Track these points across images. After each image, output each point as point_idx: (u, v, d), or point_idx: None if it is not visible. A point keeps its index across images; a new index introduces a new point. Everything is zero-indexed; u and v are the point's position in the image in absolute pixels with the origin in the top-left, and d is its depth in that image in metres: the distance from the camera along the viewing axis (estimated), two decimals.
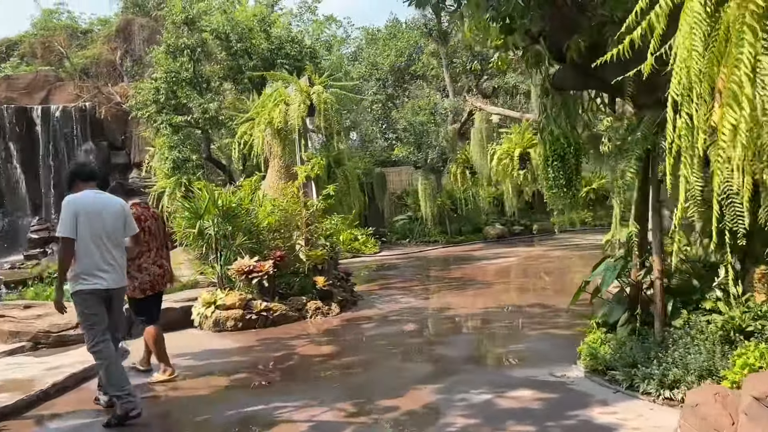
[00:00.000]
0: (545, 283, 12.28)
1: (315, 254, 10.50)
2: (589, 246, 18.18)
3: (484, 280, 12.89)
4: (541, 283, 12.29)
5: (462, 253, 18.93)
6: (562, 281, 12.15)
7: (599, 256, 15.02)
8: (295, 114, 11.48)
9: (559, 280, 12.29)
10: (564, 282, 12.02)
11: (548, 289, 11.46)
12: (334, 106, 11.42)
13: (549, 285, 11.99)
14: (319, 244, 11.18)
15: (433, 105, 20.45)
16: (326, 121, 11.26)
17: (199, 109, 14.41)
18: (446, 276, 13.95)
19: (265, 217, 10.72)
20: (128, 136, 22.57)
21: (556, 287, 11.57)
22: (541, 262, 15.28)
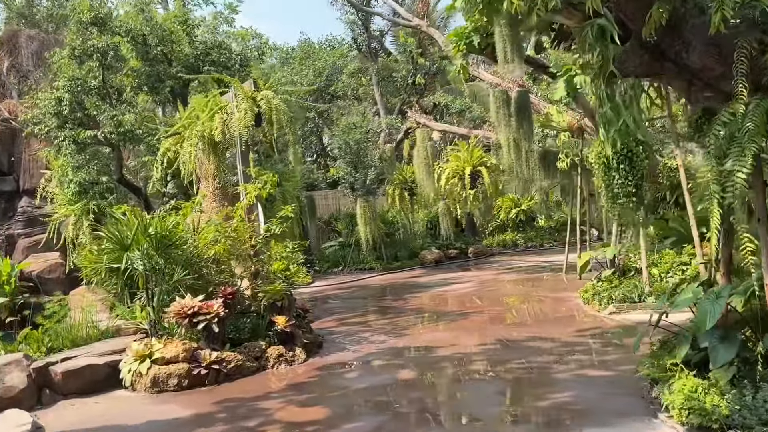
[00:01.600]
0: (520, 311, 11.14)
1: (273, 289, 8.75)
2: (534, 268, 17.42)
3: (452, 310, 11.58)
4: (516, 311, 11.14)
5: (405, 280, 17.58)
6: (537, 309, 11.07)
7: (555, 279, 14.21)
8: (240, 124, 9.75)
9: (534, 308, 11.21)
10: (540, 310, 10.95)
11: (530, 319, 10.31)
12: (287, 114, 9.80)
13: (527, 313, 10.86)
14: (275, 277, 9.45)
15: (368, 123, 19.17)
16: (279, 131, 9.62)
17: (112, 122, 12.25)
18: (405, 307, 12.51)
19: (209, 247, 8.87)
20: (17, 159, 19.53)
21: (537, 316, 10.46)
22: (498, 288, 14.21)
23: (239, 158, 10.42)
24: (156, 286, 8.62)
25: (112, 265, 8.73)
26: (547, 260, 19.29)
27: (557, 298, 11.69)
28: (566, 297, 11.60)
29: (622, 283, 10.08)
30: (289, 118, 9.79)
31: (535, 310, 11.00)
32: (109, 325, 9.64)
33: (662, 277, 9.63)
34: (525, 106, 12.92)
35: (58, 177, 13.71)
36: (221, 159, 11.04)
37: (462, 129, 16.74)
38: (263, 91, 9.97)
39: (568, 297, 11.54)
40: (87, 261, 9.33)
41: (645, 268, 9.55)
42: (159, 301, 8.56)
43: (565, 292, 12.32)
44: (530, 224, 25.55)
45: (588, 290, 10.61)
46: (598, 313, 9.66)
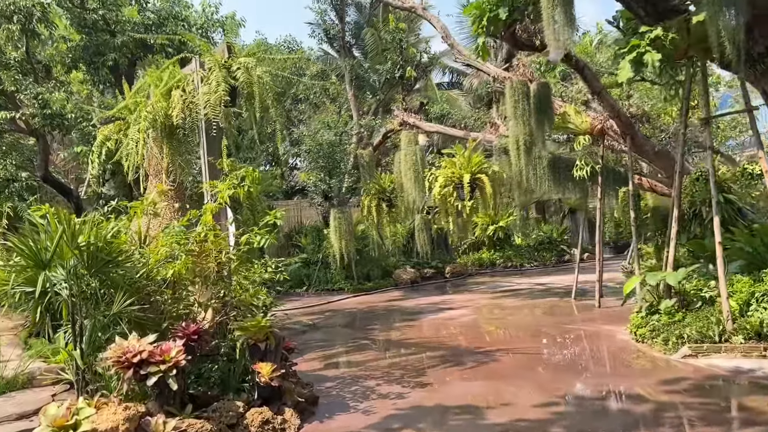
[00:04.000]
0: (558, 350, 9.03)
1: (254, 326, 6.28)
2: (531, 292, 15.46)
3: (468, 346, 9.36)
4: (553, 350, 9.01)
5: (385, 303, 15.27)
6: (580, 348, 9.00)
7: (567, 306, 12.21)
8: (209, 100, 7.29)
9: (574, 347, 9.14)
10: (585, 350, 8.88)
11: (581, 362, 8.17)
12: (273, 88, 7.40)
13: (571, 354, 8.75)
14: (252, 307, 6.99)
15: (343, 123, 16.83)
16: (262, 111, 7.21)
17: (35, 102, 9.54)
18: (404, 340, 10.21)
19: (164, 265, 6.35)
20: None
21: (587, 359, 8.35)
22: (505, 316, 12.10)
23: (204, 147, 7.93)
24: (87, 318, 6.05)
25: (25, 289, 6.12)
26: (538, 282, 17.43)
27: (595, 334, 9.64)
28: (605, 332, 9.56)
29: (687, 317, 8.08)
30: (275, 94, 7.39)
31: (578, 349, 8.90)
32: (18, 371, 6.92)
33: (743, 310, 7.68)
34: (546, 101, 10.94)
35: None
36: (179, 149, 8.54)
37: (458, 131, 14.65)
38: (241, 58, 7.54)
39: (608, 332, 9.50)
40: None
41: (725, 299, 7.57)
42: (91, 340, 5.98)
43: (597, 324, 10.29)
44: (507, 242, 23.72)
45: (640, 324, 8.57)
46: (666, 355, 7.61)
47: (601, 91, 11.12)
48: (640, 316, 8.85)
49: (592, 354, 8.51)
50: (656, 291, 8.93)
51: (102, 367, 5.87)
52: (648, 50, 7.40)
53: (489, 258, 22.60)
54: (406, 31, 15.21)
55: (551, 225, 24.24)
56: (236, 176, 7.12)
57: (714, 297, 8.14)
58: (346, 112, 18.86)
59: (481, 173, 13.10)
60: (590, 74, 11.08)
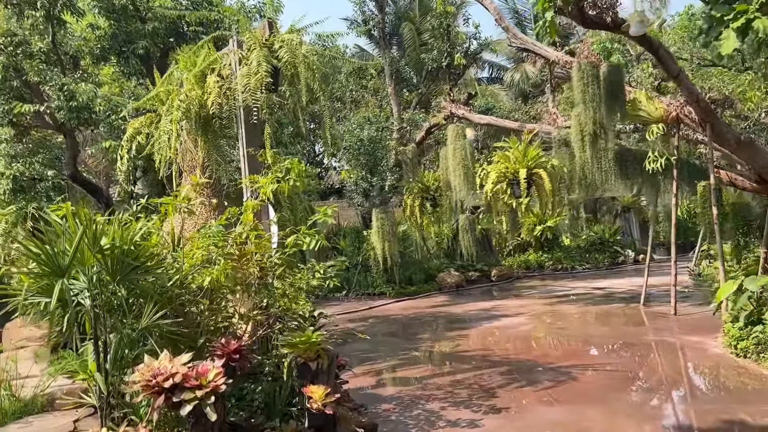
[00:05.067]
0: (646, 366, 7.93)
1: (304, 342, 5.36)
2: (590, 297, 14.30)
3: (538, 360, 8.31)
4: (639, 366, 7.91)
5: (431, 309, 14.28)
6: (670, 364, 7.92)
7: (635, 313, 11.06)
8: (249, 83, 6.41)
9: (663, 362, 8.05)
10: (677, 366, 7.78)
11: (682, 383, 7.08)
12: (320, 69, 6.49)
13: (662, 372, 7.65)
14: (296, 318, 6.09)
15: (385, 117, 15.87)
16: (309, 95, 6.31)
17: (61, 94, 8.82)
18: (460, 352, 9.22)
19: (202, 272, 5.48)
20: None
21: (683, 378, 7.25)
22: (568, 325, 11.02)
23: (243, 138, 7.07)
24: (112, 332, 5.22)
25: (41, 299, 5.31)
26: (596, 286, 16.22)
27: (682, 346, 8.51)
28: (693, 344, 8.43)
29: None
30: (322, 76, 6.48)
31: (667, 365, 7.81)
32: (37, 392, 6.14)
33: None
34: (618, 86, 9.84)
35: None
36: (215, 142, 7.71)
37: (511, 122, 13.57)
38: (284, 34, 6.64)
39: (696, 344, 8.37)
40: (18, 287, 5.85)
41: None
42: (117, 358, 5.15)
43: (680, 334, 9.17)
44: (556, 244, 22.50)
45: (740, 337, 7.41)
46: None
47: (679, 74, 9.94)
48: (737, 327, 7.70)
49: (686, 371, 7.39)
50: (756, 299, 7.77)
51: (131, 392, 5.03)
52: (757, 16, 6.26)
53: (536, 260, 21.42)
54: (455, 15, 14.19)
55: (603, 225, 22.91)
56: (280, 169, 6.22)
57: None
58: (386, 107, 17.90)
59: (538, 168, 12.00)
60: (666, 55, 9.90)
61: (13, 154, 9.64)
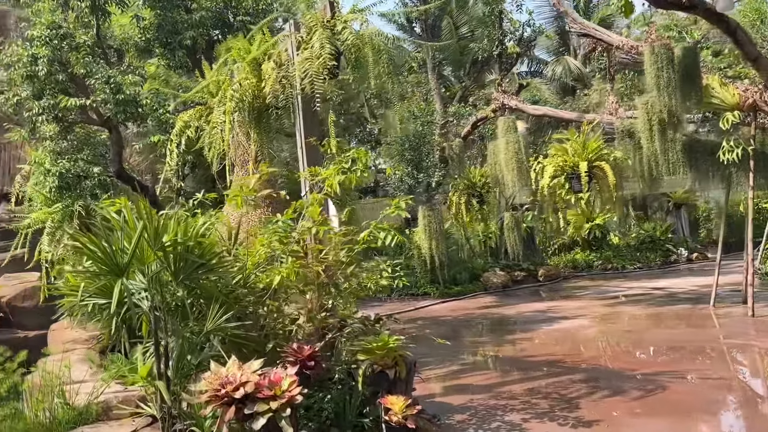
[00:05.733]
0: (739, 375, 7.27)
1: (381, 346, 4.88)
2: (650, 298, 13.55)
3: (612, 367, 7.70)
4: (734, 375, 7.25)
5: (481, 311, 13.70)
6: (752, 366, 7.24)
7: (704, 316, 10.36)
8: (311, 67, 5.95)
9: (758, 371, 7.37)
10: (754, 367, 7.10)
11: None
12: (388, 52, 6.01)
13: (752, 376, 6.99)
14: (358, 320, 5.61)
15: (431, 112, 15.32)
16: (378, 81, 5.83)
17: (107, 87, 8.50)
18: (525, 357, 8.65)
19: (269, 271, 5.03)
20: None
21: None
22: (635, 327, 10.39)
23: (300, 127, 6.62)
24: (173, 336, 4.81)
25: (97, 300, 4.92)
26: (654, 287, 15.43)
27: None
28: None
29: None
30: (388, 60, 5.99)
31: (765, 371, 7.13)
32: (92, 399, 5.76)
33: None
34: (694, 69, 9.19)
35: (36, 171, 9.95)
36: (269, 134, 7.28)
37: (568, 113, 12.95)
38: (347, 14, 6.17)
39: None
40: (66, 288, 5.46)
41: None
42: (179, 365, 4.72)
43: (765, 338, 8.42)
44: (604, 242, 21.66)
45: None
46: None
47: (758, 57, 9.26)
48: None
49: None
50: None
51: (193, 403, 4.60)
52: None
53: (584, 259, 20.60)
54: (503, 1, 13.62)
55: (653, 222, 22.00)
56: (346, 159, 5.74)
57: None
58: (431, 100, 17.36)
59: (600, 161, 11.34)
60: (744, 37, 9.22)
61: (59, 151, 9.38)
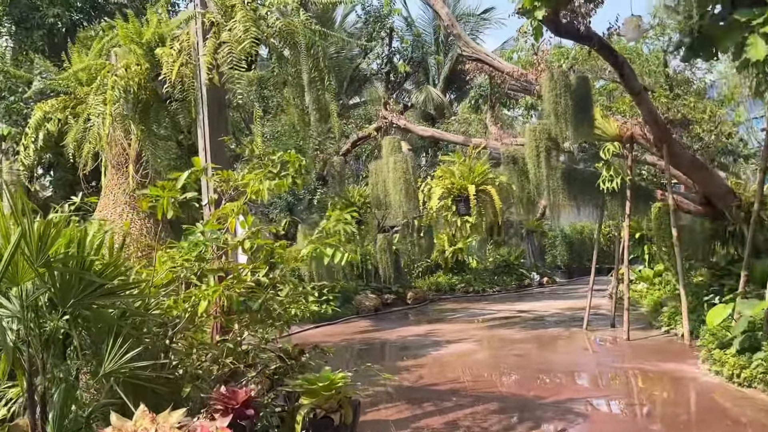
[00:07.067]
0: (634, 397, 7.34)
1: (326, 386, 4.07)
2: (515, 320, 13.87)
3: (520, 394, 7.46)
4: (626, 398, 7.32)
5: (359, 336, 13.13)
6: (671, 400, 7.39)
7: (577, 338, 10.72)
8: (234, 54, 5.05)
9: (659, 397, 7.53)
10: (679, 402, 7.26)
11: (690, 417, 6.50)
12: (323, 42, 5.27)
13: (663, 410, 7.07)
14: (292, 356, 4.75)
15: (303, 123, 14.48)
16: (315, 73, 5.07)
17: None
18: (428, 387, 8.16)
19: (186, 296, 4.03)
20: None
21: (679, 408, 6.71)
22: (523, 351, 10.32)
23: (204, 124, 5.65)
24: (52, 381, 3.63)
25: None
26: (519, 309, 15.92)
27: (664, 374, 8.02)
28: (675, 372, 7.98)
29: None
30: (324, 50, 5.28)
31: (667, 397, 7.27)
32: None
33: None
34: (587, 98, 9.44)
35: None
36: (156, 130, 6.19)
37: (456, 136, 12.89)
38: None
39: (678, 372, 7.94)
40: None
41: None
42: (62, 418, 3.55)
43: (653, 361, 8.71)
44: (464, 266, 22.20)
45: (743, 365, 7.00)
46: None
47: (641, 92, 9.75)
48: (730, 354, 7.33)
49: (692, 403, 6.87)
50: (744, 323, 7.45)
51: None
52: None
53: (447, 282, 20.91)
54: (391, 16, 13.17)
55: (508, 248, 22.97)
56: (274, 163, 4.89)
57: None
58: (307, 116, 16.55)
59: (486, 184, 11.36)
60: (630, 71, 9.68)
61: None
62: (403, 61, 12.65)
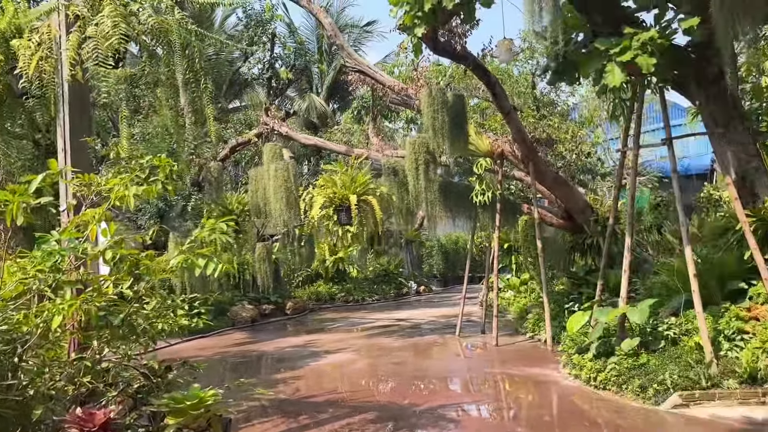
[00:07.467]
0: (502, 401, 7.68)
1: (195, 405, 3.88)
2: (393, 329, 14.13)
3: (396, 403, 7.54)
4: (496, 403, 7.64)
5: (234, 349, 12.73)
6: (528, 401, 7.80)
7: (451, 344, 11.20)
8: (100, 50, 4.71)
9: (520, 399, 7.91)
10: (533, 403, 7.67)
11: (552, 418, 6.88)
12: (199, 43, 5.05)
13: (521, 405, 7.44)
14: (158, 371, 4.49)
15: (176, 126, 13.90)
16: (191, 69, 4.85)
17: None
18: (306, 399, 8.04)
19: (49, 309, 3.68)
20: None
21: (543, 410, 7.11)
22: (400, 359, 10.46)
23: (65, 123, 5.23)
24: None
25: None
26: (397, 318, 16.23)
27: (529, 378, 8.45)
28: (539, 376, 8.42)
29: (652, 360, 7.21)
30: (201, 50, 5.07)
31: (532, 400, 7.66)
32: None
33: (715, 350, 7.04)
34: (462, 116, 9.82)
35: None
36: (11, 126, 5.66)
37: (339, 145, 12.88)
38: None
39: (542, 376, 8.38)
40: None
41: (707, 338, 6.86)
42: None
43: (519, 366, 9.18)
44: (345, 275, 22.27)
45: (599, 369, 7.53)
46: (648, 406, 6.60)
47: (510, 112, 10.31)
48: (587, 358, 7.88)
49: (554, 406, 7.28)
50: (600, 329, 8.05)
51: None
52: (638, 53, 6.55)
53: (328, 292, 20.86)
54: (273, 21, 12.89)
55: (388, 257, 23.35)
56: (142, 167, 4.61)
57: (677, 336, 7.47)
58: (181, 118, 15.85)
59: (368, 194, 11.48)
60: (501, 92, 10.22)
61: None
62: (286, 67, 12.50)
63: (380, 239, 22.39)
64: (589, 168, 13.14)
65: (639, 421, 6.31)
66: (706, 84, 7.78)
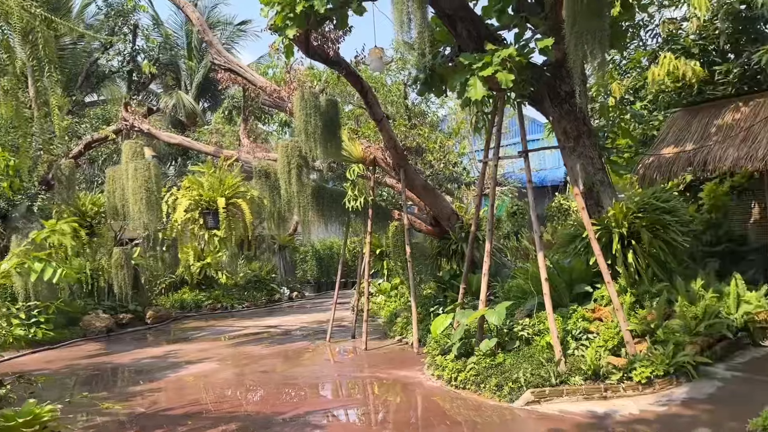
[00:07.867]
0: (369, 405, 7.72)
1: (29, 422, 3.48)
2: (263, 336, 13.88)
3: (262, 412, 7.35)
4: (363, 407, 7.67)
5: (85, 361, 11.80)
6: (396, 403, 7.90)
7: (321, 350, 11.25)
8: None
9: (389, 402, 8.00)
10: (402, 404, 7.80)
11: (416, 418, 7.01)
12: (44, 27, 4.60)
13: (388, 408, 7.53)
14: None
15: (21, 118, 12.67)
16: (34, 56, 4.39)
17: None
18: (166, 413, 7.60)
19: None
20: None
21: (408, 412, 7.25)
22: (267, 367, 10.24)
23: None
24: None
25: None
26: (268, 325, 15.93)
27: (396, 381, 8.58)
28: (406, 379, 8.58)
29: (508, 359, 7.60)
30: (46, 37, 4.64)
31: (397, 402, 7.76)
32: None
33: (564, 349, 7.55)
34: (336, 120, 9.82)
35: None
36: None
37: (206, 146, 12.31)
38: None
39: (408, 379, 8.55)
40: None
41: (556, 337, 7.32)
42: None
43: (387, 369, 9.30)
44: (213, 281, 21.47)
45: (459, 369, 7.80)
46: (504, 403, 6.92)
47: (382, 119, 10.49)
48: (449, 359, 8.16)
49: (419, 407, 7.44)
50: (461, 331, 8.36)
51: None
52: (499, 69, 6.90)
53: (193, 299, 19.97)
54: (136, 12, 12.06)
55: (260, 262, 22.84)
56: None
57: (530, 336, 7.92)
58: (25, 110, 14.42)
59: (237, 198, 11.13)
60: (374, 99, 10.36)
61: None
62: (149, 61, 11.80)
63: (251, 244, 21.92)
64: (455, 177, 13.69)
65: (495, 418, 6.61)
66: (559, 101, 8.36)
